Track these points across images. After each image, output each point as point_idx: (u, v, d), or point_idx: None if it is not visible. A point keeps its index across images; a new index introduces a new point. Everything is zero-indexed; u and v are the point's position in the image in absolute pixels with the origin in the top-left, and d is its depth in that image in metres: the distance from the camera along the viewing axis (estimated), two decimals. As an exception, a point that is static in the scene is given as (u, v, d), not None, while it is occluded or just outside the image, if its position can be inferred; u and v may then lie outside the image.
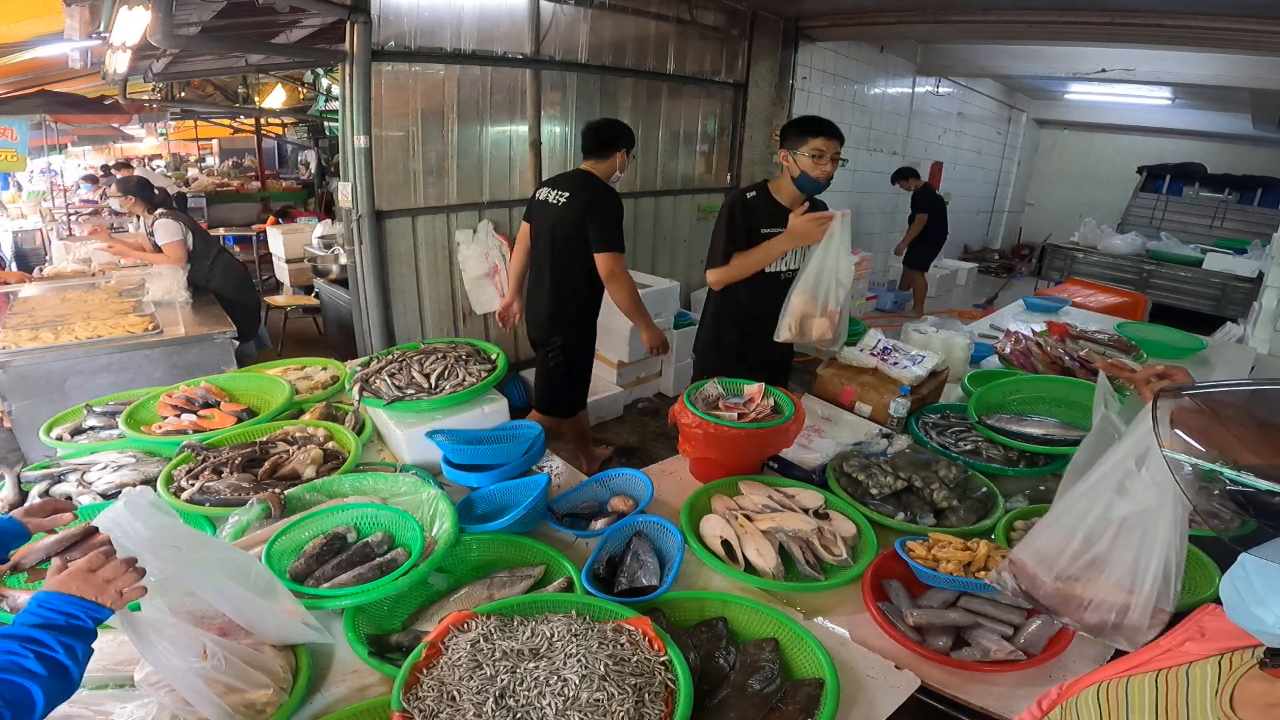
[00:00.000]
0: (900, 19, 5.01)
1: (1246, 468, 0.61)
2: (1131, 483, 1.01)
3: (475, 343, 2.26)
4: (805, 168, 2.25)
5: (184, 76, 6.97)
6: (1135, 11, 4.06)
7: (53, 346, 2.84)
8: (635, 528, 1.60)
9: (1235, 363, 3.22)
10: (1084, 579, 1.07)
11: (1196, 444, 0.66)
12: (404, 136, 3.83)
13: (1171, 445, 0.69)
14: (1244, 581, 0.66)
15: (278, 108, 8.16)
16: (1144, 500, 0.99)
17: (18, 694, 0.81)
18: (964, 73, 7.90)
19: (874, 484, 1.78)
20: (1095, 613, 1.06)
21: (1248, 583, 0.65)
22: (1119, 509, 1.02)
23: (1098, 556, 1.05)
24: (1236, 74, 5.55)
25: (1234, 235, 7.42)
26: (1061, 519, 1.10)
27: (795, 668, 1.25)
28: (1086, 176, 10.38)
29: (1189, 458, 0.66)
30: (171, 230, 3.90)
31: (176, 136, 10.55)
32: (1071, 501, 1.09)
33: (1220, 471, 0.62)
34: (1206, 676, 0.70)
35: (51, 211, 7.45)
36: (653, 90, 5.04)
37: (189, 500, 1.58)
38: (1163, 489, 0.98)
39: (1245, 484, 0.59)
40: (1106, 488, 1.03)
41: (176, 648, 1.01)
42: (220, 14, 4.05)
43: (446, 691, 1.06)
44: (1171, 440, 0.69)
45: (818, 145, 2.23)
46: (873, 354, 2.39)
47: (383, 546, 1.44)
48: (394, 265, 3.97)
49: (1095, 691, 0.79)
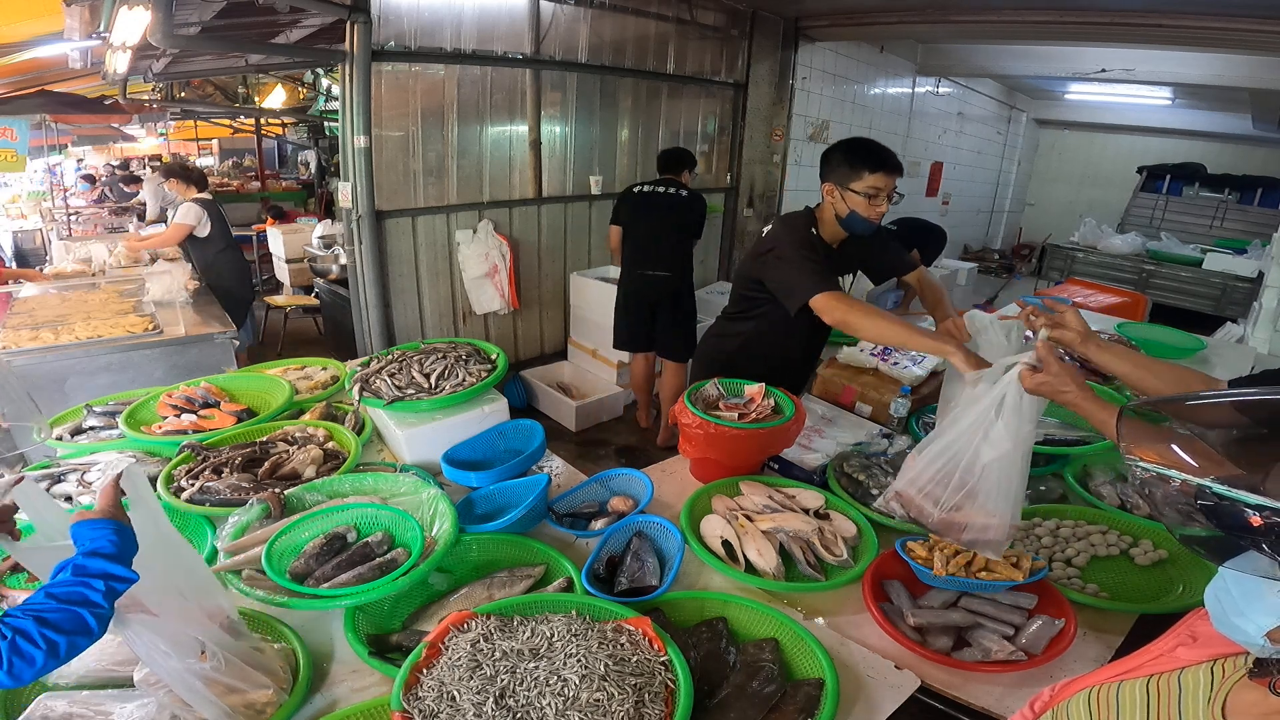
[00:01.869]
0: (900, 19, 5.01)
1: (1222, 479, 0.61)
2: (993, 431, 1.30)
3: (475, 343, 2.26)
4: (857, 207, 1.90)
5: (184, 76, 6.97)
6: (1135, 11, 4.06)
7: (53, 346, 2.84)
8: (635, 528, 1.60)
9: (1235, 363, 3.21)
10: (963, 508, 1.34)
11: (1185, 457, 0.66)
12: (404, 136, 3.83)
13: (1135, 454, 0.68)
14: (1224, 592, 0.66)
15: (278, 108, 8.16)
16: (1001, 446, 1.29)
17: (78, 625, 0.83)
18: (964, 73, 7.90)
19: (874, 484, 1.78)
20: (969, 533, 1.35)
21: (1227, 593, 0.65)
22: (985, 455, 1.31)
23: (970, 490, 1.34)
24: (1236, 74, 5.54)
25: (1234, 235, 7.42)
26: (940, 460, 1.37)
27: (795, 668, 1.25)
28: (1086, 176, 10.38)
29: (1159, 467, 0.66)
30: (187, 214, 4.18)
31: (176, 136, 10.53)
32: (946, 446, 1.37)
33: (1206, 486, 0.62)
34: (1199, 683, 0.69)
35: (51, 211, 7.45)
36: (653, 90, 5.05)
37: (189, 500, 1.58)
38: (1015, 435, 1.27)
39: (1228, 496, 0.59)
40: (975, 436, 1.32)
41: (175, 648, 1.01)
42: (220, 14, 4.05)
43: (446, 691, 1.06)
44: (1137, 449, 0.69)
45: (874, 184, 1.86)
46: (873, 354, 2.39)
47: (383, 546, 1.43)
48: (394, 265, 3.97)
49: (1086, 696, 0.78)
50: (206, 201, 4.31)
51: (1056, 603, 1.38)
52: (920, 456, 1.42)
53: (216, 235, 4.29)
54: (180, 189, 4.38)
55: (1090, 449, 1.94)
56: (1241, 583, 0.64)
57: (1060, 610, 1.36)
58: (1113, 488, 1.83)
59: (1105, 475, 1.90)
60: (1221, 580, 0.66)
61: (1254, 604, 0.62)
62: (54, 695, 1.09)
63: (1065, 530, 1.68)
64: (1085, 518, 1.72)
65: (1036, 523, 1.71)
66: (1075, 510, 1.75)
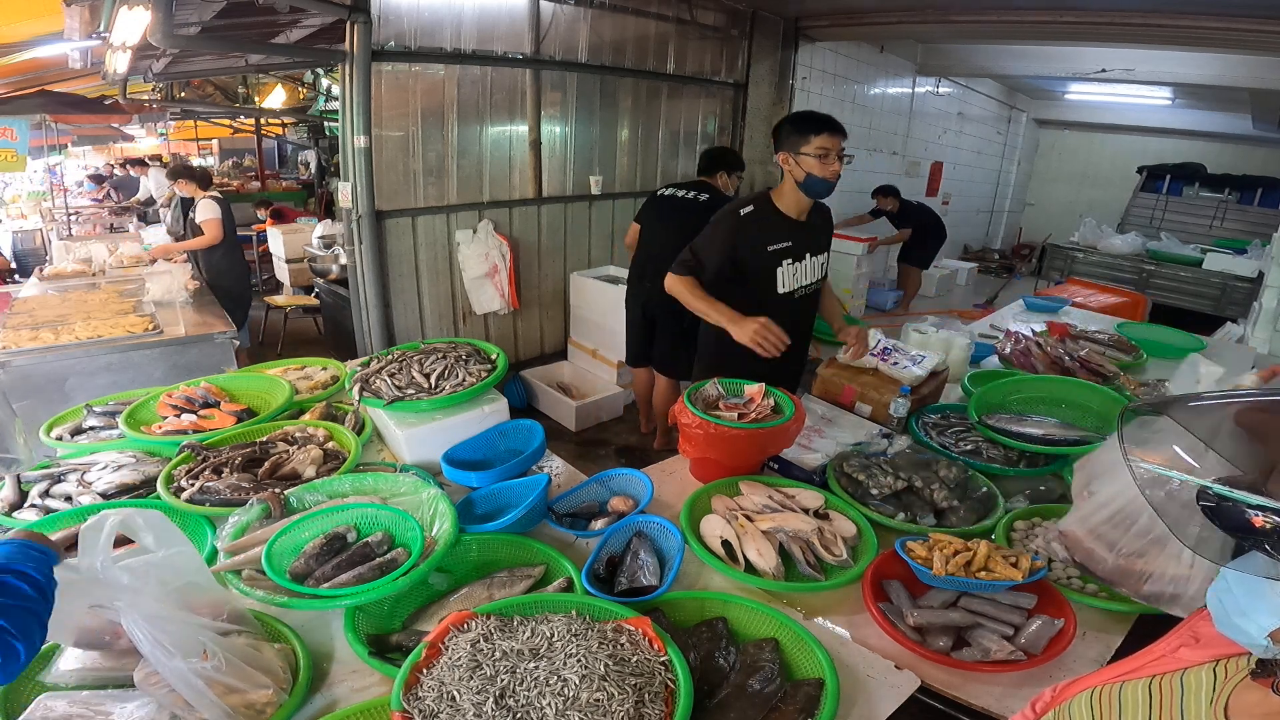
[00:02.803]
0: (900, 19, 5.01)
1: (1223, 480, 0.61)
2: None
3: (475, 343, 2.26)
4: (811, 169, 2.07)
5: (184, 76, 6.98)
6: (1135, 11, 4.06)
7: (53, 346, 2.84)
8: (635, 528, 1.60)
9: (1235, 363, 3.21)
10: (1147, 554, 1.12)
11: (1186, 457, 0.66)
12: (404, 136, 3.83)
13: (1136, 455, 0.69)
14: (1226, 592, 0.66)
15: (278, 108, 8.17)
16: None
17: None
18: (964, 73, 7.90)
19: (874, 484, 1.78)
20: (1152, 584, 1.12)
21: (1229, 593, 0.65)
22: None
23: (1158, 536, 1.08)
24: (1236, 74, 5.55)
25: (1234, 235, 7.41)
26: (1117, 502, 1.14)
27: (795, 668, 1.25)
28: (1086, 176, 10.38)
29: (1158, 467, 0.66)
30: (213, 209, 4.36)
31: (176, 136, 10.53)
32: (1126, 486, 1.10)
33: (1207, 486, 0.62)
34: (1201, 684, 0.69)
35: (51, 211, 7.45)
36: (653, 90, 5.05)
37: (189, 500, 1.58)
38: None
39: (1230, 497, 0.59)
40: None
41: (176, 648, 1.01)
42: (220, 14, 4.05)
43: (446, 691, 1.06)
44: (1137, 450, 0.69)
45: (822, 144, 2.05)
46: (873, 354, 2.38)
47: (383, 546, 1.43)
48: (394, 265, 3.97)
49: (1088, 697, 0.78)
50: (218, 199, 4.45)
51: (1056, 603, 1.38)
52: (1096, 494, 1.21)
53: (227, 233, 4.41)
54: (192, 189, 4.49)
55: (1090, 449, 1.94)
56: (1244, 583, 0.63)
57: (1060, 610, 1.36)
58: (1113, 488, 1.83)
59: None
60: (1224, 581, 0.66)
61: (1257, 604, 0.62)
62: (54, 695, 1.09)
63: (1065, 530, 1.68)
64: (1085, 518, 1.72)
65: (1036, 523, 1.71)
66: (1075, 510, 1.75)
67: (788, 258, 2.21)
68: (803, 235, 2.22)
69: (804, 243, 2.23)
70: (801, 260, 2.24)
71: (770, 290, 2.20)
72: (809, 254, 2.26)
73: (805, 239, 2.23)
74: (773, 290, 2.20)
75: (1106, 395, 2.21)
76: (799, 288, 2.26)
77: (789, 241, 2.17)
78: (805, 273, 2.26)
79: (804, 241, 2.23)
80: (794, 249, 2.21)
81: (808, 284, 2.28)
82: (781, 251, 2.18)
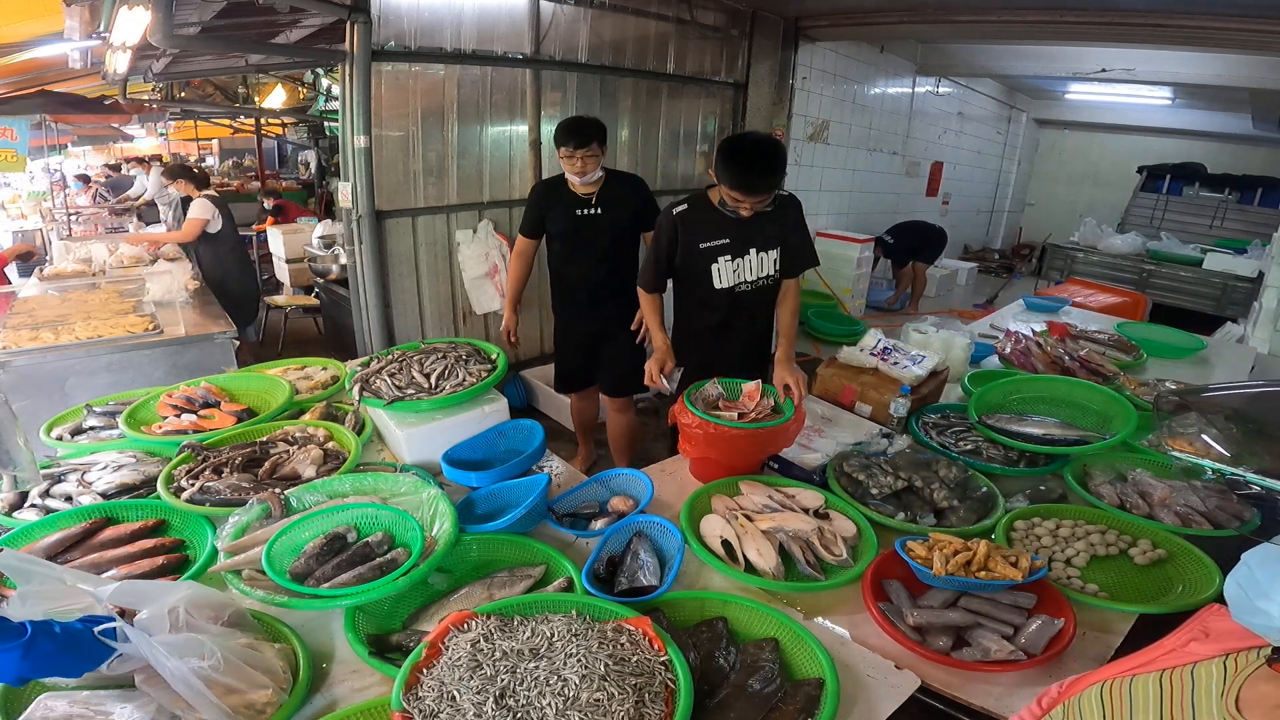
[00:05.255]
0: (900, 19, 5.00)
1: (1261, 470, 0.62)
2: None
3: (475, 343, 2.26)
4: (725, 198, 2.11)
5: (184, 76, 6.97)
6: (1135, 11, 4.06)
7: (53, 346, 2.84)
8: (635, 528, 1.60)
9: (1235, 363, 3.21)
10: None
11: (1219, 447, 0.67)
12: (404, 136, 3.83)
13: (1170, 445, 0.69)
14: (1248, 577, 0.66)
15: (278, 108, 8.16)
16: None
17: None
18: (964, 73, 7.90)
19: (874, 484, 1.78)
20: None
21: (1251, 578, 0.65)
22: None
23: None
24: (1236, 74, 5.54)
25: (1234, 235, 7.42)
26: None
27: (795, 668, 1.25)
28: (1086, 176, 10.37)
29: (1191, 458, 0.66)
30: (201, 209, 4.34)
31: (176, 136, 10.53)
32: None
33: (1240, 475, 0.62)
34: (1212, 677, 0.70)
35: (52, 211, 7.45)
36: (653, 90, 5.04)
37: (189, 500, 1.58)
38: None
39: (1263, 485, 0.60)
40: None
41: (176, 648, 1.01)
42: (220, 14, 4.05)
43: (446, 691, 1.06)
44: (1175, 442, 0.69)
45: (732, 195, 2.05)
46: (873, 354, 2.38)
47: (383, 546, 1.44)
48: (394, 265, 3.96)
49: (1099, 690, 0.79)
50: (215, 199, 4.44)
51: (1056, 602, 1.38)
52: None
53: (228, 232, 4.42)
54: (189, 189, 4.49)
55: (1090, 449, 1.94)
56: (1267, 565, 0.64)
57: (1060, 610, 1.36)
58: (1112, 487, 1.83)
59: (1105, 475, 1.89)
60: (1245, 567, 0.67)
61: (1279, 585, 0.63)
62: (54, 695, 1.09)
63: (1065, 530, 1.68)
64: (1085, 517, 1.72)
65: (1036, 523, 1.71)
66: (1075, 510, 1.75)
67: (724, 254, 2.22)
68: (746, 231, 2.19)
69: (746, 239, 2.21)
70: (743, 256, 2.23)
71: (707, 285, 2.25)
72: (754, 249, 2.23)
73: (749, 235, 2.21)
74: (709, 285, 2.25)
75: (1106, 395, 2.21)
76: (741, 283, 2.25)
77: (725, 239, 2.19)
78: (749, 268, 2.24)
79: (746, 237, 2.21)
80: (732, 245, 2.21)
81: (755, 279, 2.26)
82: (716, 249, 2.20)
